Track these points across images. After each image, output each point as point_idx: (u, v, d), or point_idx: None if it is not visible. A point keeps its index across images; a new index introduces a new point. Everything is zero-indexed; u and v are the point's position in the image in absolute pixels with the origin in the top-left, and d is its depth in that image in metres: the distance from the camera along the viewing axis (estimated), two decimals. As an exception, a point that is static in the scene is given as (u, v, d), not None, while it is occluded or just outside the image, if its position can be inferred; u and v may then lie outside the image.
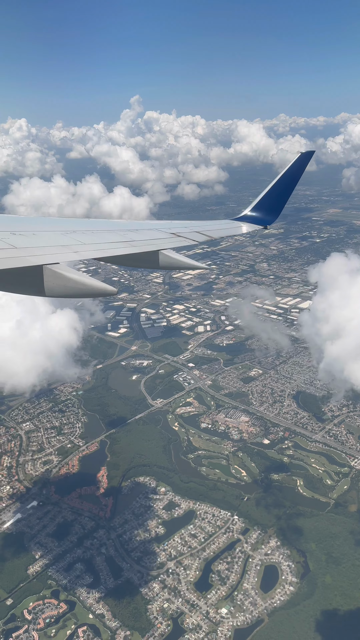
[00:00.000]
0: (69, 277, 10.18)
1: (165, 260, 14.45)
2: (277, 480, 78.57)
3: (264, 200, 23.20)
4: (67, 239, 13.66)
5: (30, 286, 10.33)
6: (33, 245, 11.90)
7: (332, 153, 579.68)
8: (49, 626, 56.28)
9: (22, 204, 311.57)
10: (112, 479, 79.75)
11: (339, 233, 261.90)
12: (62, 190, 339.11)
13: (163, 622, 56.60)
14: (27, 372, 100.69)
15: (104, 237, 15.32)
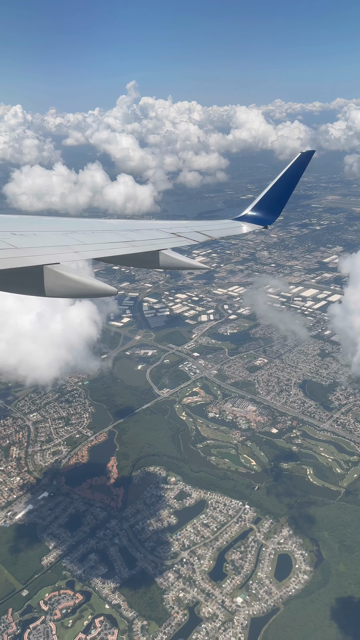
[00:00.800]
0: (69, 277, 10.15)
1: (166, 260, 14.45)
2: (287, 469, 78.80)
3: (264, 199, 23.16)
4: (67, 239, 13.69)
5: (31, 286, 10.32)
6: (33, 246, 11.92)
7: (331, 139, 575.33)
8: (65, 617, 56.46)
9: (24, 193, 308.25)
10: (122, 469, 79.75)
11: (339, 220, 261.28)
12: (63, 179, 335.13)
13: (179, 611, 56.88)
14: (49, 365, 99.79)
15: (104, 237, 15.31)
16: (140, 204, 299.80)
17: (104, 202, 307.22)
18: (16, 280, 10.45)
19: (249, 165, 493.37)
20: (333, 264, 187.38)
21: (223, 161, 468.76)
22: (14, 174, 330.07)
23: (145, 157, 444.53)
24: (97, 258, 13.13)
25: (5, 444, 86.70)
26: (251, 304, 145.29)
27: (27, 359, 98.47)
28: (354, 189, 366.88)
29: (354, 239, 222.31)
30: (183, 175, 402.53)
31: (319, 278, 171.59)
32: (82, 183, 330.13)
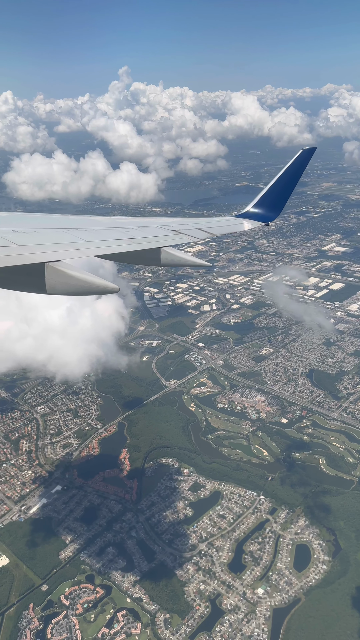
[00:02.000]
0: (70, 275, 10.10)
1: (167, 257, 14.41)
2: (300, 459, 78.88)
3: (266, 196, 23.17)
4: (69, 236, 13.68)
5: (32, 284, 10.29)
6: (35, 243, 11.86)
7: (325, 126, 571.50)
8: (87, 611, 56.27)
9: (24, 182, 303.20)
10: (134, 461, 79.42)
11: (335, 208, 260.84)
12: (63, 167, 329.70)
13: (201, 604, 56.89)
14: (80, 361, 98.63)
15: (105, 234, 15.30)
16: (144, 192, 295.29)
17: (107, 191, 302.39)
18: (18, 277, 10.38)
19: (243, 152, 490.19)
20: (332, 252, 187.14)
21: (222, 148, 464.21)
22: (13, 163, 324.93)
23: (143, 145, 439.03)
24: (98, 255, 12.98)
25: (15, 437, 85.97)
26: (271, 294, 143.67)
27: (56, 354, 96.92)
28: (348, 175, 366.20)
29: (352, 227, 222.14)
30: (183, 163, 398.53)
31: (319, 266, 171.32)
32: (84, 171, 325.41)
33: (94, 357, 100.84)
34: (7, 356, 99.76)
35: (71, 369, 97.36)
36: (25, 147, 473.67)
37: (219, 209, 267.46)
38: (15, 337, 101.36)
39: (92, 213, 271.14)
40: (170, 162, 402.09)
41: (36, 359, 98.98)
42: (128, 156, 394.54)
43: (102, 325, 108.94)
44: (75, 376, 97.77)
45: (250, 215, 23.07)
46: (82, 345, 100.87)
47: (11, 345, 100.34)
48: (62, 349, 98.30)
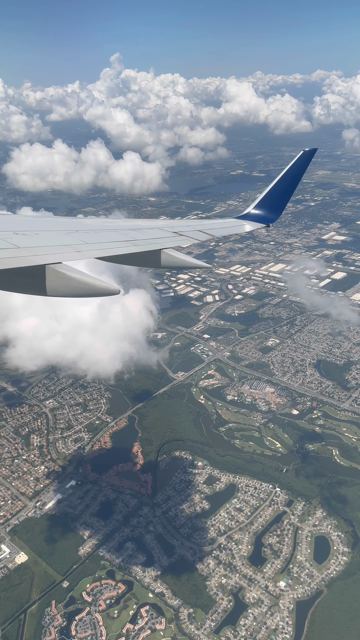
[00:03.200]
0: (71, 277, 10.07)
1: (168, 259, 14.37)
2: (313, 450, 78.92)
3: (267, 198, 23.29)
4: (69, 238, 13.63)
5: (33, 286, 10.24)
6: (35, 245, 11.85)
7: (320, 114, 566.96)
8: (110, 607, 56.08)
9: (24, 172, 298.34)
10: (147, 455, 79.08)
11: (332, 196, 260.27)
12: (64, 157, 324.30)
13: (224, 598, 56.88)
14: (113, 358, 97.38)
15: (106, 236, 15.28)
16: (148, 182, 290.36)
17: (110, 182, 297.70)
18: (18, 279, 10.34)
19: (236, 140, 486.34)
20: (332, 241, 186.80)
21: (220, 136, 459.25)
22: (13, 153, 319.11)
23: (142, 134, 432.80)
24: (99, 257, 12.94)
25: (25, 432, 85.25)
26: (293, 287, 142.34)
27: (87, 352, 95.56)
28: (343, 163, 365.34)
29: (350, 215, 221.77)
30: (184, 151, 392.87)
31: (320, 256, 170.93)
32: (85, 161, 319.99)
33: (126, 355, 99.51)
34: (37, 354, 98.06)
35: (103, 367, 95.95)
36: (19, 137, 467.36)
37: (215, 198, 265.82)
38: (44, 334, 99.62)
39: (89, 204, 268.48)
40: (169, 150, 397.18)
41: (66, 356, 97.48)
42: (126, 145, 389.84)
43: (132, 321, 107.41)
44: (107, 374, 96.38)
45: (251, 217, 23.18)
46: (114, 342, 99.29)
47: (40, 343, 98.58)
48: (93, 346, 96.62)
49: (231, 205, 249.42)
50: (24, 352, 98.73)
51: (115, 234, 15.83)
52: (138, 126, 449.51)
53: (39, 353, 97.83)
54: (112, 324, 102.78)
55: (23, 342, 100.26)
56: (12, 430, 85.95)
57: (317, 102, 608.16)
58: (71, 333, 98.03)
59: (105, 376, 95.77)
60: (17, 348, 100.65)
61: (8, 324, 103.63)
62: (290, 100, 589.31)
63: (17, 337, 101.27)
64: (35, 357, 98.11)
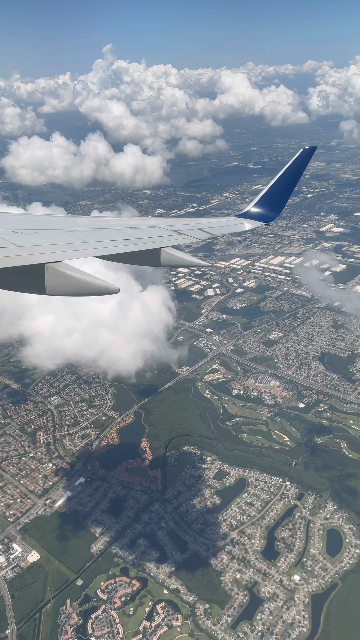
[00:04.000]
0: (70, 276, 10.04)
1: (167, 258, 14.36)
2: (321, 443, 78.93)
3: (267, 196, 23.16)
4: (69, 237, 13.63)
5: (32, 285, 10.22)
6: (35, 244, 11.83)
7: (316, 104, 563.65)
8: (126, 604, 55.91)
9: (23, 166, 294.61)
10: (155, 450, 78.81)
11: (328, 188, 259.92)
12: (63, 150, 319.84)
13: (239, 592, 56.85)
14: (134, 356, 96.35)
15: (106, 235, 15.25)
16: (149, 175, 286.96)
17: (110, 175, 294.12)
18: (17, 278, 10.31)
19: (230, 131, 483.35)
20: (330, 233, 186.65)
21: (217, 128, 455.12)
22: (11, 146, 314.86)
23: (139, 126, 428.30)
24: (98, 256, 12.93)
25: (31, 429, 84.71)
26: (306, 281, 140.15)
27: (108, 350, 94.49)
28: (337, 155, 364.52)
29: (347, 207, 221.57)
30: (182, 144, 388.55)
31: (319, 248, 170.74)
32: (85, 155, 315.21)
33: (147, 353, 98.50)
34: (56, 353, 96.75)
35: (124, 365, 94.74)
36: (14, 130, 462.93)
37: (211, 191, 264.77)
38: (62, 333, 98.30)
39: (84, 197, 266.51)
40: (167, 143, 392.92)
41: (85, 355, 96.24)
42: (123, 138, 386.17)
43: (152, 318, 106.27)
44: (128, 372, 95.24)
45: (251, 215, 23.07)
46: (134, 339, 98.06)
47: (59, 342, 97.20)
48: (114, 344, 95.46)
49: (228, 198, 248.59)
50: (41, 350, 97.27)
51: (115, 233, 15.75)
52: (135, 118, 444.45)
53: (58, 351, 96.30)
54: (132, 322, 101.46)
55: (40, 340, 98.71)
56: (17, 427, 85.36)
57: (312, 93, 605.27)
58: (90, 331, 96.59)
59: (126, 374, 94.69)
60: (34, 346, 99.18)
61: (24, 322, 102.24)
62: (286, 91, 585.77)
63: (34, 336, 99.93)
64: (54, 356, 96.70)
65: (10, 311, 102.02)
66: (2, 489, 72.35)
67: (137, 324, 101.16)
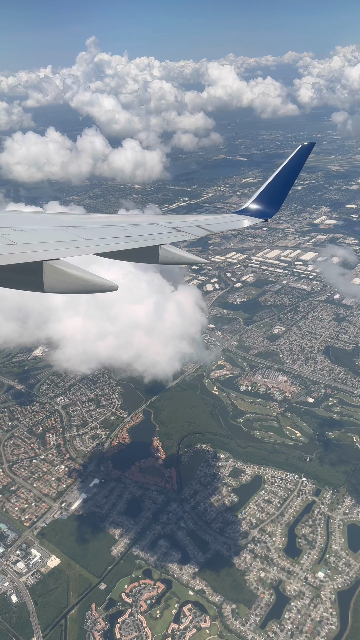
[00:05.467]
0: (69, 273, 10.04)
1: (166, 255, 14.36)
2: (334, 438, 78.96)
3: (265, 192, 23.17)
4: (67, 234, 13.61)
5: (31, 282, 10.22)
6: (33, 241, 11.82)
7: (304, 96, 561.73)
8: (152, 607, 55.31)
9: (18, 162, 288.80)
10: (167, 449, 78.15)
11: (318, 180, 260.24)
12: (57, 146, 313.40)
13: (265, 591, 56.62)
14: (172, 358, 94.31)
15: (104, 232, 15.21)
16: (149, 171, 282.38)
17: (109, 170, 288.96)
18: (16, 276, 10.30)
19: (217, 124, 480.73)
20: (324, 225, 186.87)
21: (209, 121, 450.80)
22: (6, 142, 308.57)
23: (131, 120, 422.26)
24: (97, 253, 12.88)
25: (39, 430, 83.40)
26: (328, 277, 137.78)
27: (144, 353, 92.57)
28: (324, 146, 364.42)
29: (338, 199, 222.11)
30: (177, 137, 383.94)
31: (314, 240, 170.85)
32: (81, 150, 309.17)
33: (186, 355, 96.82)
34: (89, 357, 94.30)
35: (162, 368, 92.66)
36: (1, 125, 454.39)
37: (201, 184, 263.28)
38: (96, 336, 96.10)
39: (72, 193, 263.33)
40: (163, 137, 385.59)
41: (120, 358, 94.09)
42: (116, 132, 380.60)
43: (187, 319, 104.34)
44: (166, 375, 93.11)
45: (249, 212, 23.06)
46: (171, 341, 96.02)
47: (92, 345, 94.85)
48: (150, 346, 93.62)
49: (218, 191, 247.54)
50: (73, 354, 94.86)
51: (113, 230, 15.65)
52: (127, 112, 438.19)
53: (91, 355, 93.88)
54: (168, 323, 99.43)
55: (72, 343, 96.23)
56: (25, 429, 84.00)
57: (298, 85, 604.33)
58: (125, 334, 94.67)
59: (164, 377, 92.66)
60: (65, 350, 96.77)
61: (51, 325, 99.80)
62: (273, 83, 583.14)
63: (64, 339, 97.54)
64: (87, 360, 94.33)
65: (37, 314, 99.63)
66: (15, 493, 71.13)
67: (173, 326, 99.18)
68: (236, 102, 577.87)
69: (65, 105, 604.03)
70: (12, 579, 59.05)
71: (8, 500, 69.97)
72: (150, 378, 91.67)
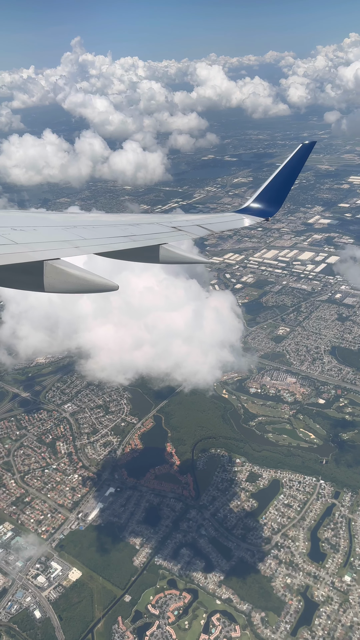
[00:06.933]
0: (69, 273, 10.01)
1: (166, 254, 14.34)
2: (348, 439, 78.69)
3: (266, 191, 23.07)
4: (67, 234, 13.62)
5: (31, 282, 10.20)
6: (33, 241, 11.85)
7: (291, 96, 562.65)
8: (179, 618, 54.39)
9: (16, 165, 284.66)
10: (182, 455, 77.25)
11: (309, 179, 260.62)
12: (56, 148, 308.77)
13: (293, 598, 55.99)
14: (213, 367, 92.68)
15: (105, 231, 15.24)
16: (151, 172, 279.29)
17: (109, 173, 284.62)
18: (16, 276, 10.29)
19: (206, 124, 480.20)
20: (318, 225, 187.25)
21: (202, 121, 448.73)
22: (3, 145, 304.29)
23: (125, 121, 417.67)
24: (97, 253, 12.88)
25: (49, 439, 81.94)
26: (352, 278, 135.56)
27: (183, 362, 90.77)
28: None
29: (330, 198, 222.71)
30: (174, 138, 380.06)
31: (310, 240, 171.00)
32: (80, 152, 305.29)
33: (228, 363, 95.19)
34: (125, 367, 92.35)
35: (203, 377, 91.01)
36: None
37: (192, 185, 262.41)
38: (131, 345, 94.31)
39: (63, 195, 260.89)
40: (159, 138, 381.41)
41: (159, 368, 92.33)
42: (109, 133, 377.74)
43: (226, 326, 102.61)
44: (207, 384, 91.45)
45: (250, 211, 22.82)
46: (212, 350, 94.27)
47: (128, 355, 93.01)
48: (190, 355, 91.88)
49: (210, 192, 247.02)
50: (107, 363, 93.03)
51: (114, 230, 15.67)
52: (120, 113, 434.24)
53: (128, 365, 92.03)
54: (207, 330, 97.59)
55: (105, 353, 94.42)
56: (35, 438, 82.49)
57: (285, 85, 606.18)
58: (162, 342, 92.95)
59: (204, 387, 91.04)
60: (98, 360, 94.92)
61: (81, 334, 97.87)
62: (262, 83, 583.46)
63: (95, 348, 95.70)
64: (125, 370, 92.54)
65: (66, 323, 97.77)
66: (29, 505, 69.69)
67: (213, 333, 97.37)
68: (225, 102, 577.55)
69: (55, 106, 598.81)
70: (33, 593, 57.72)
71: (23, 512, 68.52)
72: (190, 387, 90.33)
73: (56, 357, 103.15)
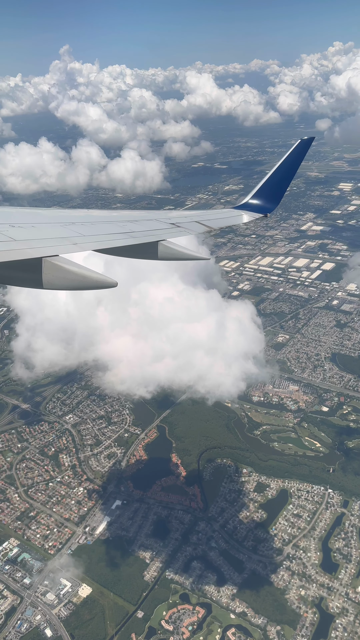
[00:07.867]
0: (68, 269, 10.02)
1: (165, 251, 14.29)
2: (354, 447, 78.49)
3: (264, 187, 22.97)
4: (66, 231, 13.66)
5: (29, 279, 10.24)
6: (32, 238, 11.90)
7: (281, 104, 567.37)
8: (194, 634, 53.47)
9: (12, 174, 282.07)
10: (187, 466, 76.46)
11: (299, 186, 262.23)
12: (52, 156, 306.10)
13: (308, 610, 55.35)
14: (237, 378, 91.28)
15: (103, 228, 15.31)
16: (150, 181, 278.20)
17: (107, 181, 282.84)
18: (15, 273, 10.32)
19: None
20: (311, 232, 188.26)
21: (195, 129, 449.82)
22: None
23: (118, 129, 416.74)
24: (96, 250, 12.94)
25: (52, 452, 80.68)
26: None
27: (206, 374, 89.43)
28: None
29: (322, 205, 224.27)
30: (168, 146, 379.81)
31: (304, 247, 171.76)
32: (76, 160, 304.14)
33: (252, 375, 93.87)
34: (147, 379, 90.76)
35: (227, 389, 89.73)
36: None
37: (183, 192, 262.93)
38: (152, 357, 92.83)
39: (53, 203, 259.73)
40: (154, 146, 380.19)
41: (181, 380, 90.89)
42: (103, 141, 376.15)
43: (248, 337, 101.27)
44: (231, 396, 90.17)
45: (249, 207, 22.66)
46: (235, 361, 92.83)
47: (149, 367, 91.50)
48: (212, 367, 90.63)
49: (202, 199, 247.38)
50: (127, 376, 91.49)
51: (112, 226, 15.67)
52: (114, 122, 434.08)
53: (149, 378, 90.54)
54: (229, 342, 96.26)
55: (125, 365, 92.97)
56: (37, 451, 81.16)
57: (273, 93, 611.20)
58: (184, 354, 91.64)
59: (229, 398, 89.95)
60: (117, 372, 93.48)
61: (98, 346, 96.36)
62: (252, 91, 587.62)
63: (114, 361, 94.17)
64: (146, 382, 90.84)
65: (82, 335, 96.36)
66: (35, 519, 68.38)
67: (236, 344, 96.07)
68: (216, 110, 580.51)
69: (46, 113, 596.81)
70: (43, 611, 56.42)
71: (28, 527, 67.21)
72: (213, 399, 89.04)
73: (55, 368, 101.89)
